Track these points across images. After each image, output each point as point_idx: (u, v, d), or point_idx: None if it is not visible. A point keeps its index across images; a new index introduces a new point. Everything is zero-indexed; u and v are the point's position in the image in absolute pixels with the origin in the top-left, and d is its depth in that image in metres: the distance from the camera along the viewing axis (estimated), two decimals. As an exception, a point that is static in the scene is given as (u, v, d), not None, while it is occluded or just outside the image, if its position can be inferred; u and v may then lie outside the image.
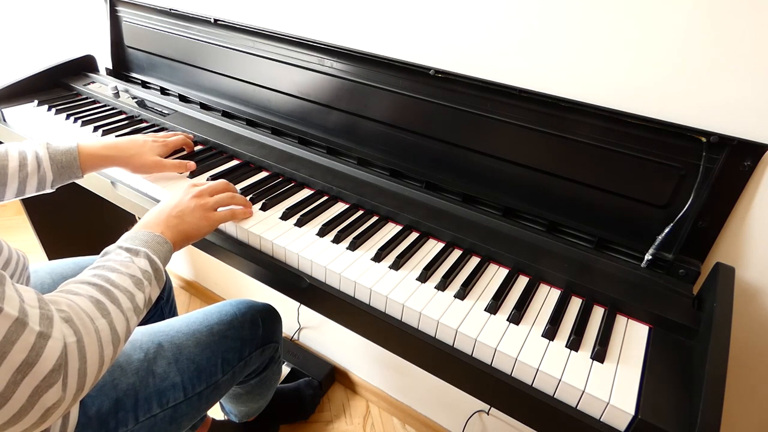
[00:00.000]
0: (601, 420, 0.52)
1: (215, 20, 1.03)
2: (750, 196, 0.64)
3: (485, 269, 0.70)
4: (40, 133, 1.01)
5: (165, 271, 0.62)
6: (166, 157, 0.86)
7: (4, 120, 1.07)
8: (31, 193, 0.75)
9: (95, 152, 0.79)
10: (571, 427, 0.54)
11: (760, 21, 0.58)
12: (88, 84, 1.20)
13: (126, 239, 0.61)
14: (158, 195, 0.84)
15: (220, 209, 0.73)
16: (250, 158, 0.92)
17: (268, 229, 0.74)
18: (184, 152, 0.94)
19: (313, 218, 0.77)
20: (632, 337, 0.60)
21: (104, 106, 1.12)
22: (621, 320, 0.63)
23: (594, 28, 0.68)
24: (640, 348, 0.59)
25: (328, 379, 1.40)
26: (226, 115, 1.07)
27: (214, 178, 0.86)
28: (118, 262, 0.56)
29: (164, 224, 0.65)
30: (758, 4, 0.57)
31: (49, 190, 0.78)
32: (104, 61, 1.28)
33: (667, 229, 0.68)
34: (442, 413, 1.28)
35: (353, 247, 0.71)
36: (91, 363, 0.46)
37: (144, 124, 1.05)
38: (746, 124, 0.62)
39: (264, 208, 0.79)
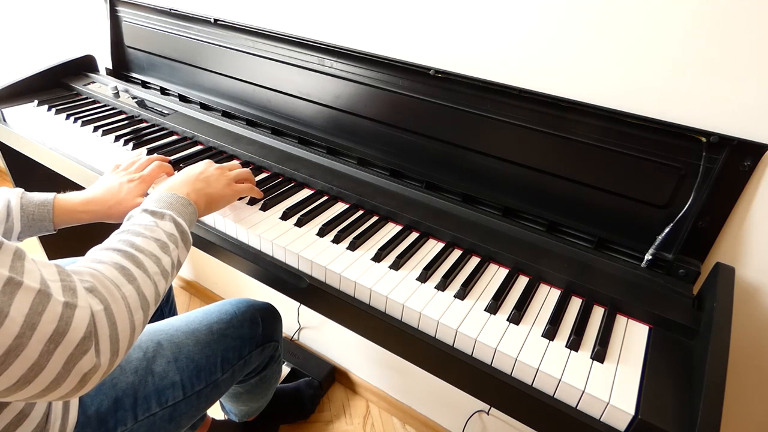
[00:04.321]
0: (601, 420, 0.52)
1: (215, 20, 1.03)
2: (750, 196, 0.64)
3: (485, 269, 0.70)
4: (40, 133, 1.01)
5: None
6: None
7: (4, 120, 1.08)
8: None
9: (72, 208, 0.73)
10: (571, 427, 0.54)
11: (760, 21, 0.58)
12: (88, 84, 1.20)
13: (150, 201, 0.60)
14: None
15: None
16: (250, 158, 0.92)
17: (268, 229, 0.74)
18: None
19: (313, 218, 0.77)
20: (632, 337, 0.60)
21: (104, 106, 1.12)
22: (621, 320, 0.63)
23: (594, 28, 0.68)
24: (640, 348, 0.59)
25: (328, 379, 1.40)
26: (226, 115, 1.07)
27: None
28: (142, 226, 0.56)
29: (190, 186, 0.65)
30: (758, 5, 0.57)
31: (15, 243, 0.72)
32: (104, 61, 1.28)
33: (667, 229, 0.68)
34: (442, 413, 1.28)
35: (353, 247, 0.71)
36: (122, 329, 0.46)
37: (144, 124, 1.05)
38: (746, 124, 0.62)
39: (264, 208, 0.79)
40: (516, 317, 0.61)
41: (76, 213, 0.74)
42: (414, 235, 0.76)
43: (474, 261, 0.71)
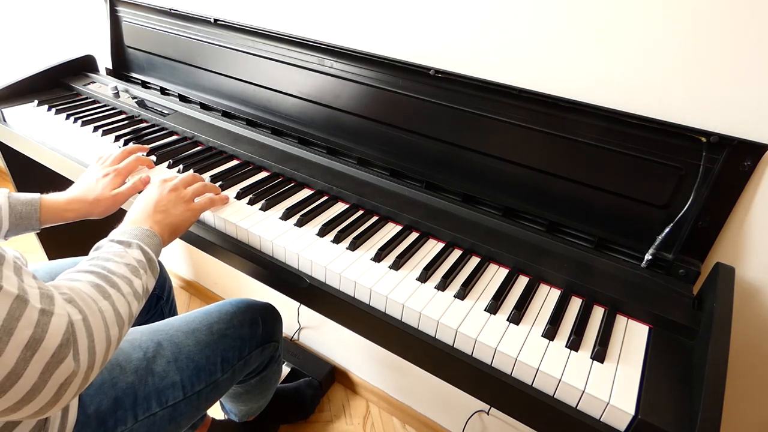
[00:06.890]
0: (601, 420, 0.52)
1: (215, 20, 1.03)
2: (750, 196, 0.64)
3: (485, 269, 0.70)
4: (40, 133, 1.01)
5: (160, 263, 0.63)
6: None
7: (4, 120, 1.07)
8: None
9: (58, 206, 0.76)
10: (571, 427, 0.54)
11: (761, 21, 0.58)
12: (88, 84, 1.20)
13: (116, 234, 0.62)
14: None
15: (196, 199, 0.75)
16: (250, 158, 0.92)
17: (268, 229, 0.74)
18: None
19: (313, 218, 0.77)
20: (632, 337, 0.60)
21: (104, 106, 1.12)
22: (621, 320, 0.63)
23: (594, 28, 0.68)
24: (640, 348, 0.59)
25: (328, 379, 1.40)
26: (226, 115, 1.07)
27: (214, 178, 0.86)
28: (112, 253, 0.58)
29: (151, 220, 0.67)
30: (758, 5, 0.57)
31: (1, 240, 0.74)
32: (104, 61, 1.28)
33: (667, 229, 0.68)
34: (442, 413, 1.28)
35: (353, 247, 0.71)
36: (98, 341, 0.47)
37: (144, 124, 1.05)
38: (746, 124, 0.62)
39: (264, 208, 0.79)
40: (516, 317, 0.61)
41: (61, 212, 0.76)
42: (414, 235, 0.76)
43: (474, 261, 0.71)
